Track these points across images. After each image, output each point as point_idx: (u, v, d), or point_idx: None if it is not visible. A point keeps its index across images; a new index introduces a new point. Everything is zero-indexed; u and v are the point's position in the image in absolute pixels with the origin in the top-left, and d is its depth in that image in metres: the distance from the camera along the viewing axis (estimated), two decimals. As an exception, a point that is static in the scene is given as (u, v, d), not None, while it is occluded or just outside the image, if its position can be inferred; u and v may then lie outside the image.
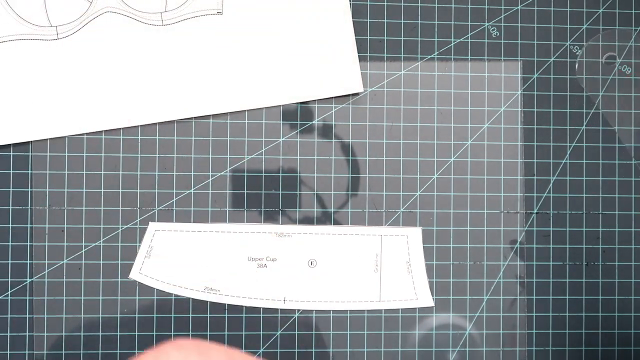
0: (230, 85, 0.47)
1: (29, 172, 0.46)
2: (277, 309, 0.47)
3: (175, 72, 0.46)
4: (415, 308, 0.48)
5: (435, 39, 0.48)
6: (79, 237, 0.46)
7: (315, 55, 0.47)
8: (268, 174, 0.47)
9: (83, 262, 0.46)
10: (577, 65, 0.49)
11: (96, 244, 0.46)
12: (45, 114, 0.46)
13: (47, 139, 0.46)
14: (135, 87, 0.46)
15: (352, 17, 0.47)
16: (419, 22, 0.48)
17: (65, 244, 0.46)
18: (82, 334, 0.46)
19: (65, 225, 0.46)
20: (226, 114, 0.47)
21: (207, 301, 0.47)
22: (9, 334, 0.46)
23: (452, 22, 0.48)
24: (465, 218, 0.48)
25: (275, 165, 0.47)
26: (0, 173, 0.46)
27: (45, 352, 0.46)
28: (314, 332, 0.47)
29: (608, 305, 0.48)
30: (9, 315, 0.46)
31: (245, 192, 0.47)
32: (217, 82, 0.46)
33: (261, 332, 0.47)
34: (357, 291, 0.47)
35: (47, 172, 0.46)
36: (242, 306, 0.47)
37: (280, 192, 0.47)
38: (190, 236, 0.47)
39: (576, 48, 0.49)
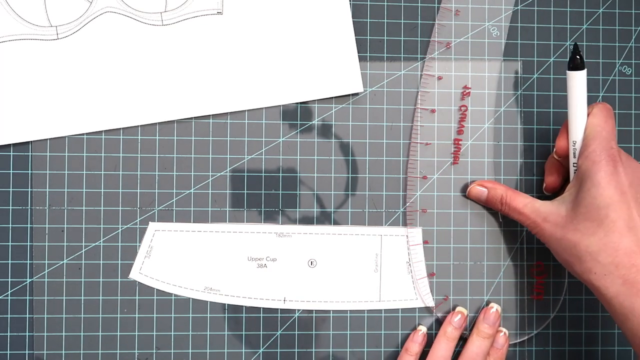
0: (230, 85, 0.47)
1: (29, 172, 0.46)
2: (277, 309, 0.47)
3: (175, 72, 0.46)
4: (415, 308, 0.48)
5: (436, 39, 0.48)
6: (79, 237, 0.46)
7: (315, 55, 0.47)
8: (268, 174, 0.47)
9: (83, 262, 0.46)
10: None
11: (96, 244, 0.46)
12: (45, 114, 0.46)
13: (47, 139, 0.46)
14: (135, 87, 0.46)
15: (352, 17, 0.47)
16: (419, 22, 0.48)
17: (65, 244, 0.46)
18: (82, 334, 0.46)
19: (65, 225, 0.46)
20: (226, 114, 0.47)
21: (207, 301, 0.47)
22: (9, 334, 0.46)
23: (452, 22, 0.48)
24: (466, 218, 0.48)
25: (275, 165, 0.47)
26: (0, 173, 0.46)
27: (45, 352, 0.46)
28: (314, 332, 0.47)
29: (608, 305, 0.48)
30: (9, 315, 0.46)
31: (245, 192, 0.47)
32: (217, 82, 0.46)
33: (261, 332, 0.47)
34: (357, 291, 0.47)
35: (47, 172, 0.46)
36: (242, 306, 0.47)
37: (280, 192, 0.47)
38: (190, 236, 0.47)
39: (576, 48, 0.49)
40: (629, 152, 0.49)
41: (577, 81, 0.42)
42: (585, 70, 0.42)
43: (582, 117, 0.42)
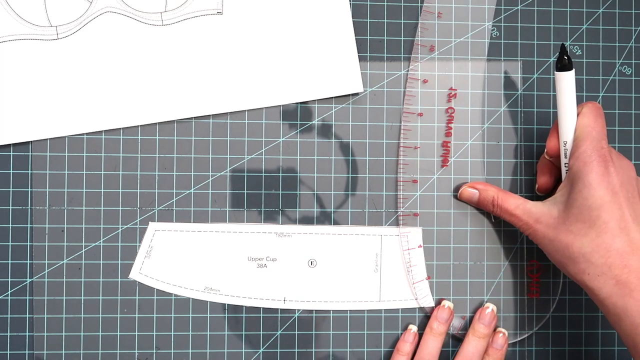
0: (230, 85, 0.47)
1: (29, 172, 0.46)
2: (277, 309, 0.47)
3: (175, 72, 0.46)
4: (415, 308, 0.48)
5: (436, 39, 0.48)
6: (79, 237, 0.46)
7: (315, 55, 0.47)
8: (268, 174, 0.47)
9: (83, 262, 0.46)
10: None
11: (96, 244, 0.46)
12: (45, 114, 0.46)
13: (47, 139, 0.46)
14: (135, 87, 0.46)
15: (352, 17, 0.47)
16: (419, 22, 0.48)
17: (65, 244, 0.46)
18: (82, 334, 0.46)
19: (65, 225, 0.46)
20: (226, 114, 0.47)
21: (207, 301, 0.47)
22: (9, 334, 0.46)
23: (452, 22, 0.48)
24: (466, 218, 0.48)
25: (275, 165, 0.47)
26: (0, 173, 0.46)
27: (45, 352, 0.46)
28: (314, 332, 0.47)
29: (608, 305, 0.48)
30: (9, 315, 0.46)
31: (245, 192, 0.47)
32: (217, 82, 0.46)
33: (261, 332, 0.47)
34: (357, 291, 0.47)
35: (47, 172, 0.46)
36: (242, 306, 0.47)
37: (280, 192, 0.47)
38: (190, 236, 0.47)
39: (576, 48, 0.49)
40: (629, 152, 0.49)
41: (566, 82, 0.42)
42: (574, 70, 0.42)
43: (572, 117, 0.42)
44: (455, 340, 0.48)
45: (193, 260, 0.47)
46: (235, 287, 0.47)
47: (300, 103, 0.47)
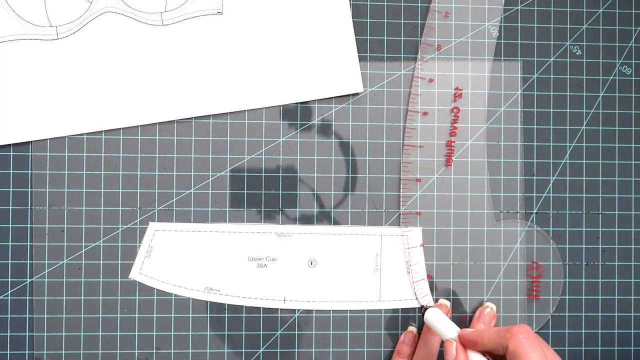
0: (230, 85, 0.47)
1: (29, 172, 0.46)
2: (277, 309, 0.47)
3: (175, 72, 0.46)
4: (415, 308, 0.48)
5: (436, 39, 0.48)
6: (79, 237, 0.46)
7: (315, 55, 0.47)
8: (268, 174, 0.47)
9: (83, 262, 0.46)
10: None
11: (96, 244, 0.46)
12: (45, 114, 0.46)
13: (47, 139, 0.46)
14: (135, 87, 0.46)
15: (352, 17, 0.47)
16: (419, 22, 0.48)
17: (65, 244, 0.46)
18: (82, 334, 0.46)
19: (65, 225, 0.46)
20: (226, 114, 0.47)
21: (207, 301, 0.47)
22: (9, 334, 0.46)
23: (452, 22, 0.48)
24: (465, 218, 0.48)
25: (275, 165, 0.47)
26: (0, 173, 0.46)
27: (45, 352, 0.46)
28: (314, 332, 0.47)
29: (608, 305, 0.48)
30: (9, 315, 0.46)
31: (245, 192, 0.47)
32: (217, 82, 0.46)
33: (261, 332, 0.47)
34: (357, 291, 0.47)
35: (47, 172, 0.46)
36: (242, 306, 0.47)
37: (280, 192, 0.47)
38: (190, 236, 0.47)
39: (576, 48, 0.49)
40: (629, 152, 0.49)
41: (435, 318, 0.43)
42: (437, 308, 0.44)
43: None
44: (455, 340, 0.48)
45: (193, 260, 0.47)
46: (235, 287, 0.47)
47: (300, 103, 0.47)
